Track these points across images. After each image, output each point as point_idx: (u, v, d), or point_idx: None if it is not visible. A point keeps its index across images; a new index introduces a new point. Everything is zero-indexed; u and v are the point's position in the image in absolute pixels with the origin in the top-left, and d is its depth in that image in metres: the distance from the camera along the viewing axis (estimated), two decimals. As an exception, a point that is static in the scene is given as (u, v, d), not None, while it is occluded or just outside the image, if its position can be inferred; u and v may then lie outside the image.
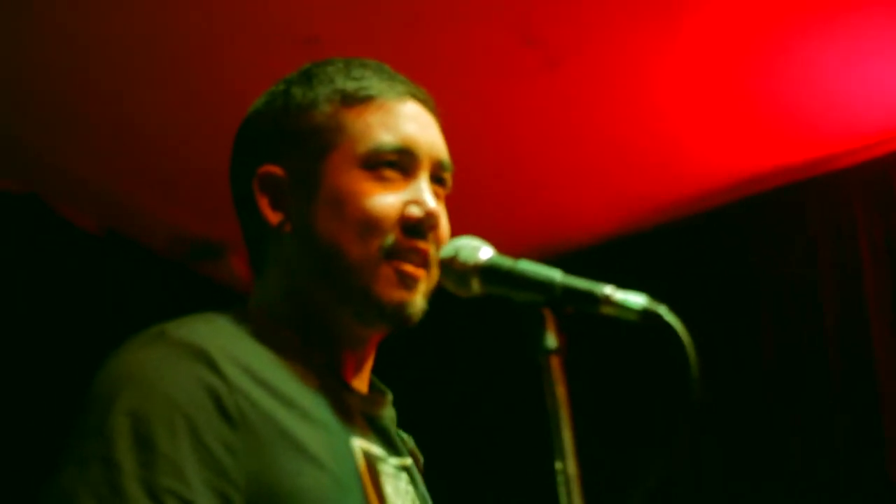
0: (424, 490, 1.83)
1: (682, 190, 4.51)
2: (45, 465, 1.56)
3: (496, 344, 4.42)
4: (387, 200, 1.68)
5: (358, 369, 1.76)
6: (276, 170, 1.72)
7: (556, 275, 1.50)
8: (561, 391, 1.43)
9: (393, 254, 1.67)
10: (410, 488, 1.75)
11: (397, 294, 1.67)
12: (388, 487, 1.67)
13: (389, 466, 1.71)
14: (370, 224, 1.66)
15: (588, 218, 4.63)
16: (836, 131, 4.23)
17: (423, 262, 1.70)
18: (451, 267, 1.59)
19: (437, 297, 1.74)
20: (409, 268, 1.68)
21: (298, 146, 1.72)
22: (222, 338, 1.59)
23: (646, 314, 1.45)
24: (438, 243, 1.70)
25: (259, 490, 1.48)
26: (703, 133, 4.19)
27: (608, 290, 1.47)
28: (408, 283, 1.68)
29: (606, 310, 1.47)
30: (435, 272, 1.70)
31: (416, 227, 1.69)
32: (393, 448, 1.76)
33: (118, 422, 1.46)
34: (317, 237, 1.68)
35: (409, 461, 1.80)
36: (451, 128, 1.83)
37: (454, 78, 3.73)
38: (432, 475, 1.90)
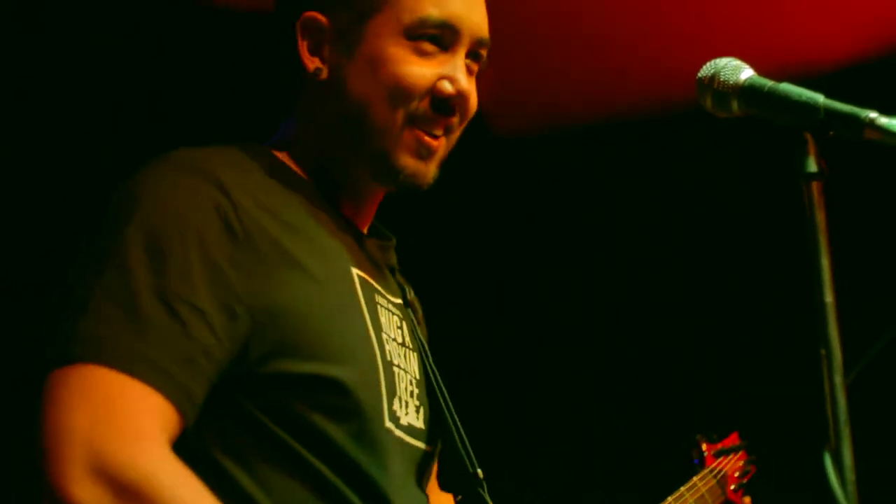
0: (421, 336, 1.93)
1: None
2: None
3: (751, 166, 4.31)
4: (422, 71, 1.75)
5: (361, 214, 1.87)
6: (320, 18, 1.78)
7: (819, 97, 1.46)
8: (821, 217, 1.40)
9: (416, 121, 1.75)
10: (404, 326, 1.86)
11: (413, 163, 1.77)
12: (383, 318, 1.78)
13: (385, 300, 1.82)
14: (401, 91, 1.74)
15: (830, 41, 4.42)
16: None
17: (444, 134, 1.79)
18: (711, 87, 1.55)
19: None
20: (428, 138, 1.77)
21: (347, 1, 1.78)
22: (233, 165, 1.68)
23: (912, 141, 1.40)
24: (463, 119, 1.81)
25: (262, 305, 1.57)
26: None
27: (872, 114, 1.43)
28: (423, 152, 1.77)
29: (870, 135, 1.43)
30: (453, 141, 1.82)
31: (444, 103, 1.76)
32: (390, 288, 1.88)
33: (133, 234, 1.54)
34: (348, 93, 1.77)
35: (402, 303, 1.92)
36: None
37: None
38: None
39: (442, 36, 1.76)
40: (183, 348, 1.50)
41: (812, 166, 1.41)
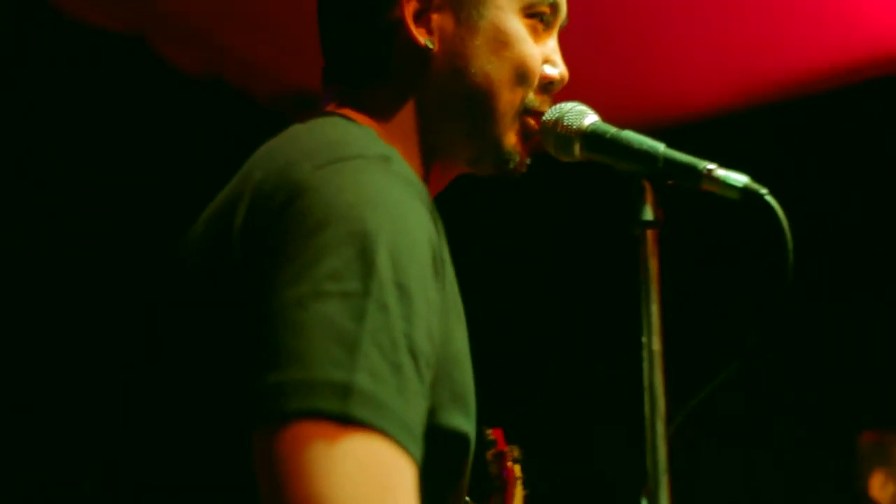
0: None
1: (809, 63, 4.33)
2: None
3: (589, 212, 4.38)
4: (537, 53, 1.62)
5: None
6: None
7: (659, 146, 1.47)
8: (653, 265, 1.41)
9: (527, 109, 1.62)
10: None
11: (522, 148, 1.63)
12: None
13: None
14: (527, 73, 1.61)
15: (701, 91, 4.50)
16: None
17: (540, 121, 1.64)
18: (555, 130, 1.56)
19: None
20: (534, 122, 1.62)
21: None
22: (411, 175, 1.46)
23: (747, 193, 1.42)
24: None
25: (443, 354, 1.39)
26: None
27: (711, 165, 1.44)
28: (529, 140, 1.64)
29: (707, 186, 1.44)
30: None
31: (549, 88, 1.65)
32: None
33: (384, 263, 1.29)
34: (471, 71, 1.60)
35: None
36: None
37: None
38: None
39: (549, 15, 1.64)
40: (424, 413, 1.30)
41: (648, 214, 1.42)
